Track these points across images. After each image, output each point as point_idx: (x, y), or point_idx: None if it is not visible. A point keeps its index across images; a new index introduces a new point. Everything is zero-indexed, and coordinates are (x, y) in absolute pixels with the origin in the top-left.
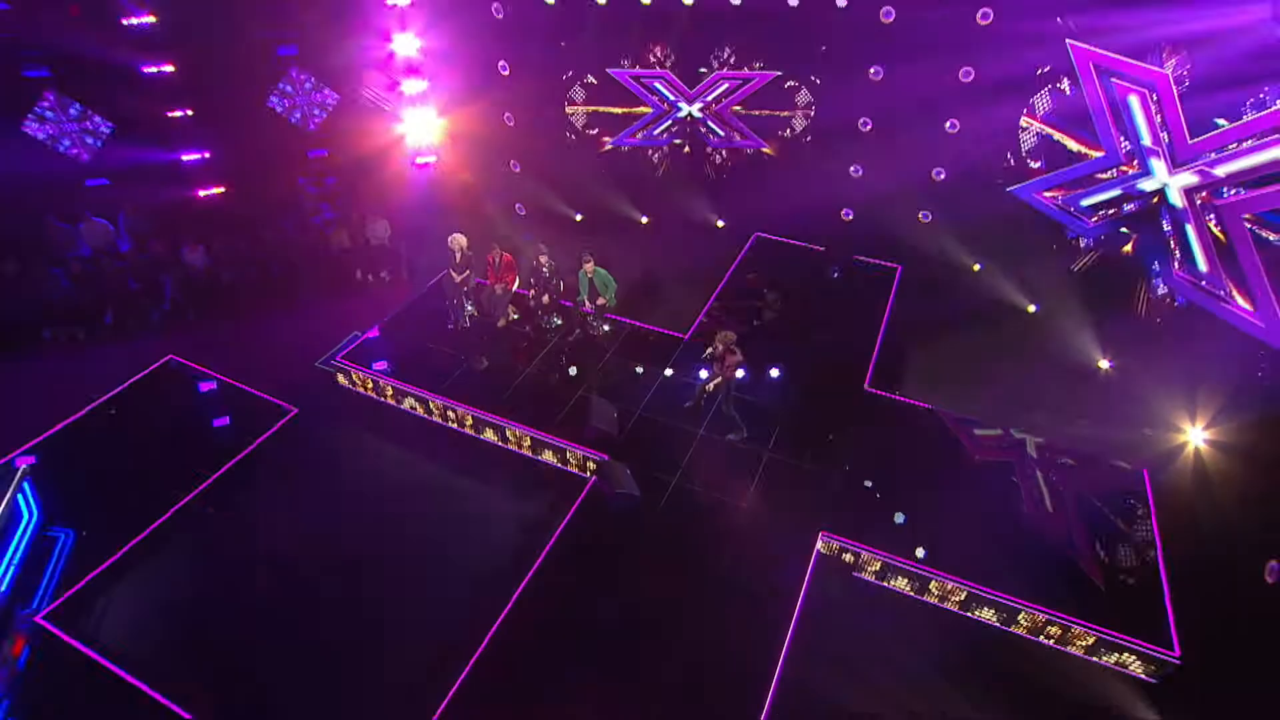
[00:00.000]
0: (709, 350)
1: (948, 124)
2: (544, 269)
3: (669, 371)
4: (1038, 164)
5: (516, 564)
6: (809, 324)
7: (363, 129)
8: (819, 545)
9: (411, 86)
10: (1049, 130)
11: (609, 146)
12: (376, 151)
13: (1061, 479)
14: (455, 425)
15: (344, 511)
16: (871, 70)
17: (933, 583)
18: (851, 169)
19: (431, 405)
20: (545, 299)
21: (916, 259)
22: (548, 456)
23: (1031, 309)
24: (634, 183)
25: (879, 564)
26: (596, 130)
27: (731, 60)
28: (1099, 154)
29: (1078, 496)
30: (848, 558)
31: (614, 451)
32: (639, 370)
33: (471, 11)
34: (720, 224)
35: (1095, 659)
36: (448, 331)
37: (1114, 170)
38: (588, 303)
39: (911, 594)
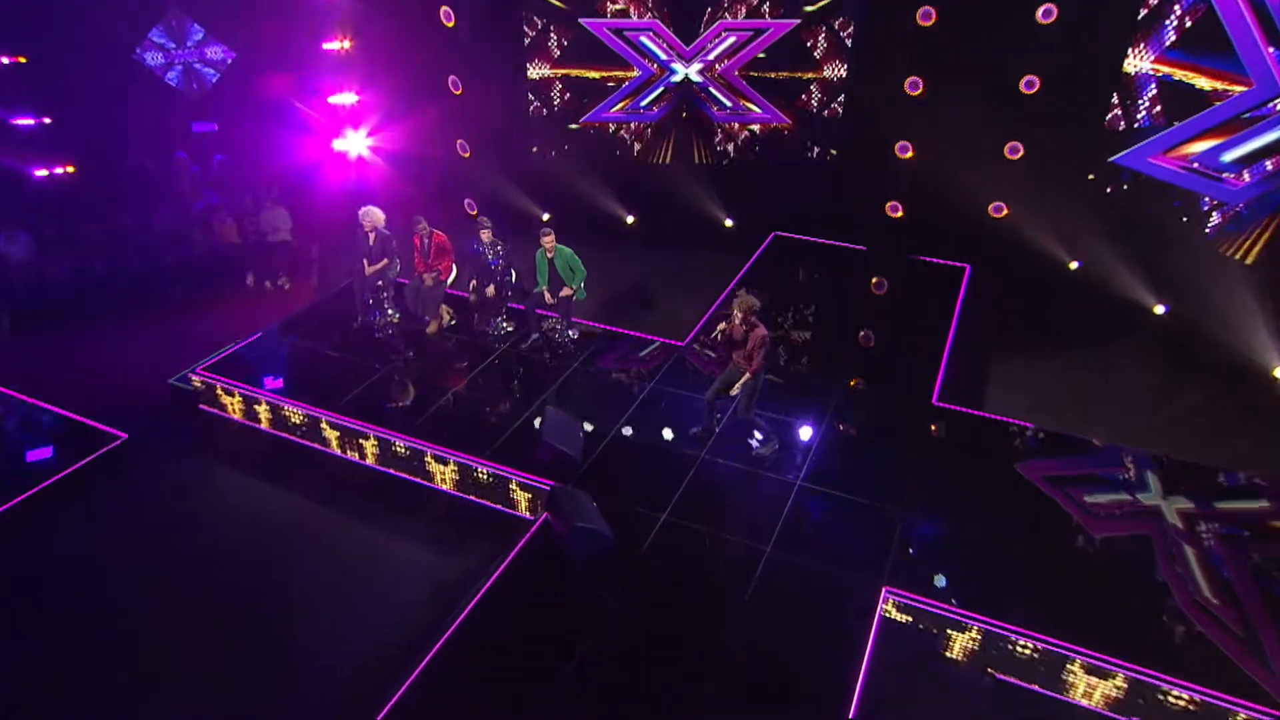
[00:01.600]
0: (720, 328)
1: (1022, 82)
2: (487, 252)
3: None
4: (1145, 119)
5: (422, 642)
6: (850, 333)
7: (272, 93)
8: (883, 607)
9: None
10: (1166, 69)
11: (583, 123)
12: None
13: (1229, 555)
14: (354, 455)
15: (179, 571)
16: (920, 12)
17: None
18: (898, 147)
19: (324, 429)
20: (489, 292)
21: (990, 256)
22: (482, 491)
23: (1159, 309)
24: (616, 170)
25: (978, 637)
26: (567, 97)
27: (739, 8)
28: (1243, 88)
29: (1258, 577)
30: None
31: (576, 480)
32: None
33: None
34: (729, 223)
35: None
36: (354, 335)
37: (1274, 105)
38: (547, 294)
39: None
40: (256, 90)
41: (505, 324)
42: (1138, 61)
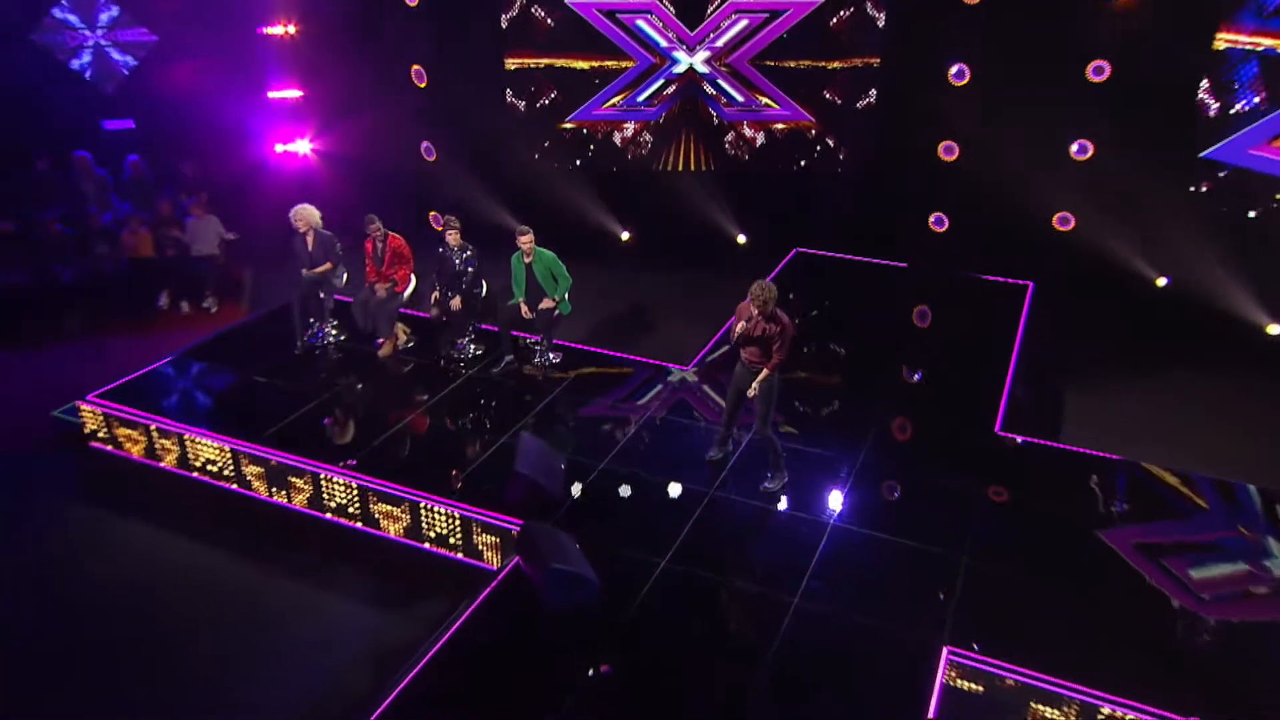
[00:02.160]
0: (738, 329)
1: (1090, 67)
2: (453, 257)
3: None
4: (1245, 104)
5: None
6: (890, 359)
7: (196, 86)
8: (944, 672)
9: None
10: (1270, 42)
11: (570, 124)
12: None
13: None
14: (281, 498)
15: (59, 640)
16: None
17: None
18: (943, 147)
19: (244, 466)
20: (454, 305)
21: (1057, 272)
22: (438, 537)
23: (1274, 329)
24: (609, 177)
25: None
26: (554, 96)
27: None
28: None
29: None
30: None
31: (555, 521)
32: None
33: None
34: (741, 239)
35: None
36: (293, 359)
37: None
38: (524, 306)
39: None
40: (182, 81)
41: (473, 346)
42: (1232, 36)
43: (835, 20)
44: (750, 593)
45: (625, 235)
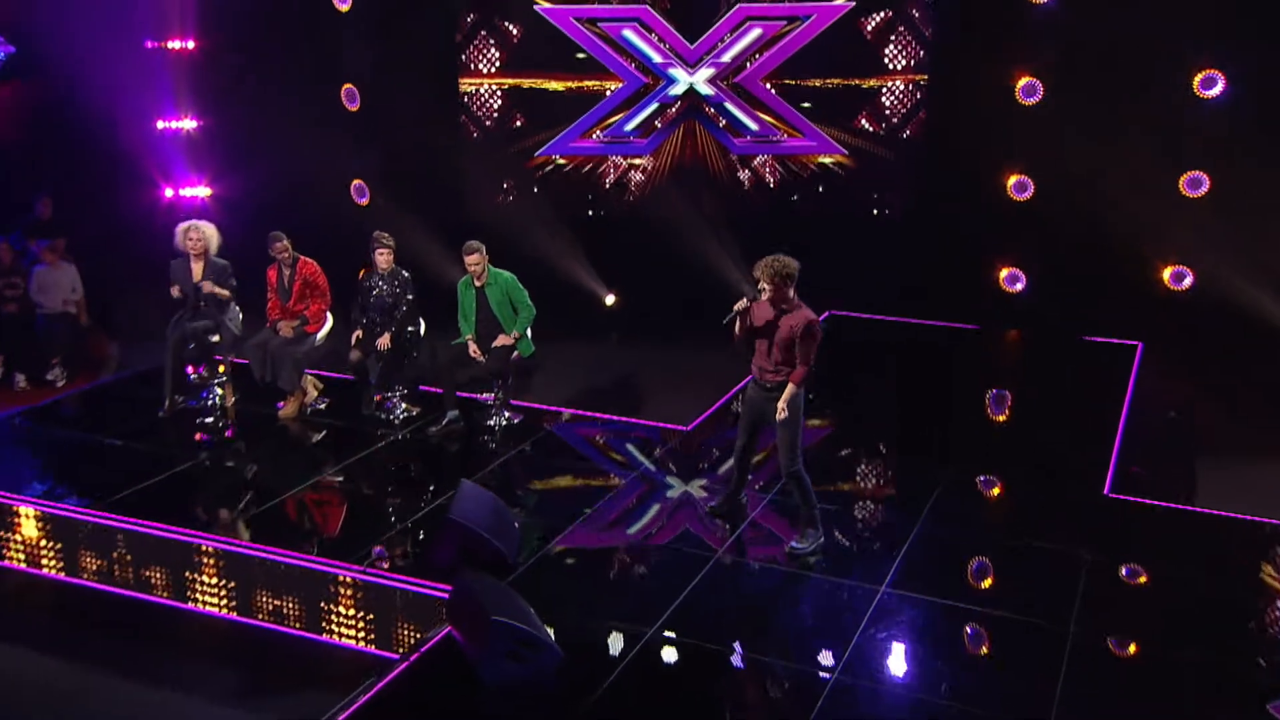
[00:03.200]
0: (738, 307)
1: (1198, 79)
2: (382, 284)
3: None
4: None
5: None
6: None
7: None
8: None
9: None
10: None
11: (544, 158)
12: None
13: None
14: (130, 586)
15: None
16: None
17: None
18: (1012, 184)
19: (65, 537)
20: (381, 345)
21: (1170, 330)
22: (333, 619)
23: None
24: (590, 225)
25: None
26: (520, 124)
27: None
28: None
29: None
30: None
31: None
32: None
33: None
34: (743, 304)
35: None
36: (158, 422)
37: None
38: (473, 345)
39: None
40: (45, 103)
41: (405, 405)
42: None
43: (871, 27)
44: (770, 667)
45: (610, 298)
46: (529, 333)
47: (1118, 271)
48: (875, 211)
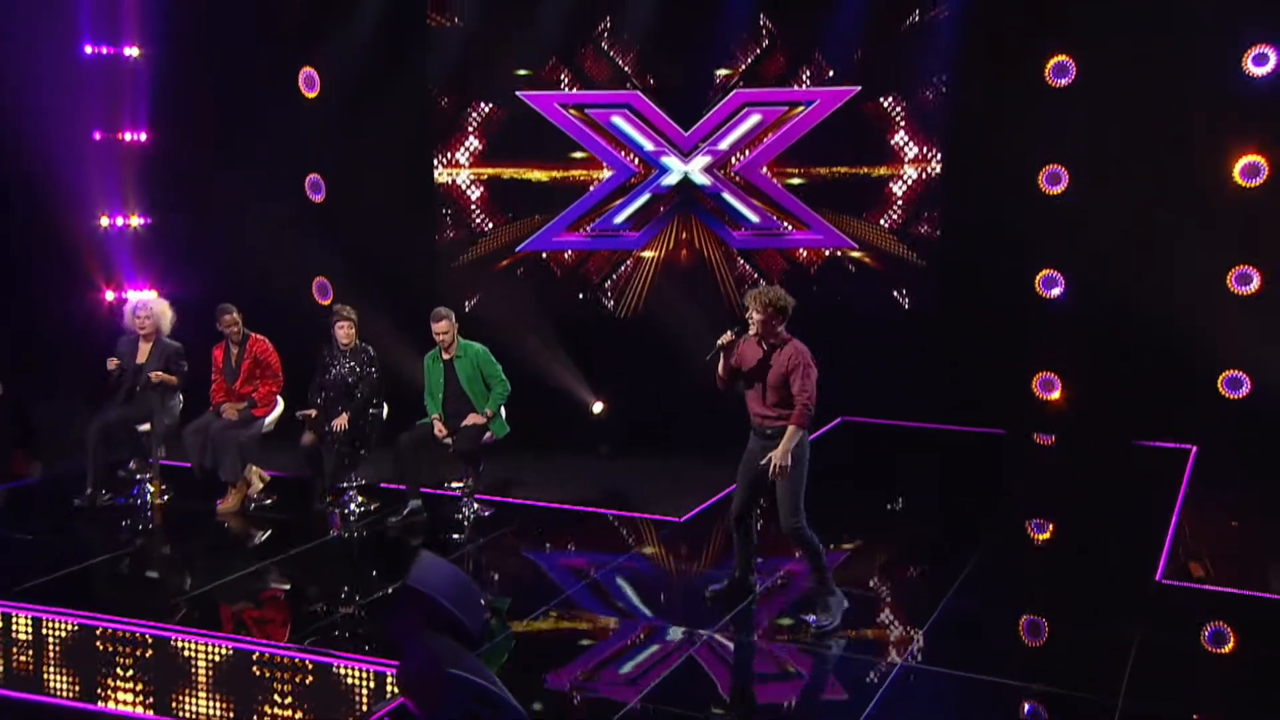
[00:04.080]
0: (723, 340)
1: (1239, 165)
2: (339, 360)
3: None
4: None
5: None
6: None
7: None
8: None
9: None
10: None
11: (525, 253)
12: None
13: None
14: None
15: None
16: (1051, 66)
17: None
18: (1041, 279)
19: None
20: (338, 426)
21: (1227, 434)
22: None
23: None
24: (578, 328)
25: None
26: (502, 220)
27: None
28: None
29: None
30: None
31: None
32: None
33: None
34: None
35: None
36: (75, 511)
37: None
38: (439, 425)
39: None
40: None
41: (361, 500)
42: None
43: (878, 113)
44: None
45: (598, 406)
46: (502, 412)
47: (1162, 371)
48: (889, 305)
